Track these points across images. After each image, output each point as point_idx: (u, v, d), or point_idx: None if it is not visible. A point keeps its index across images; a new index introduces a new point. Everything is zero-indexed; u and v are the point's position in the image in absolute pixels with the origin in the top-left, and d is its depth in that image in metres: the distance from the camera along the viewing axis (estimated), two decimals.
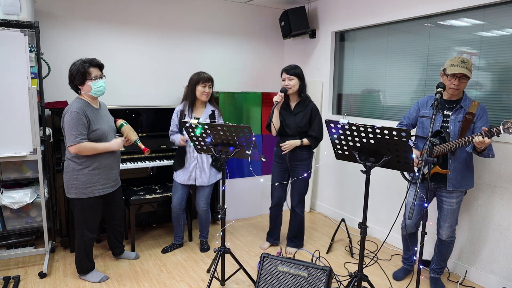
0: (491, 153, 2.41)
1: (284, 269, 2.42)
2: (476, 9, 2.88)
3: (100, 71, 2.68)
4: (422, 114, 2.70)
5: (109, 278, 2.88)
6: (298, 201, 3.25)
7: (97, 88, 2.64)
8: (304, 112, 3.11)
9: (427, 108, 2.69)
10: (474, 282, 2.95)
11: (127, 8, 3.88)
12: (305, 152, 3.14)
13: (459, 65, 2.43)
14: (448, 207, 2.63)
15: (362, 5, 3.77)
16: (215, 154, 2.59)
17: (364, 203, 2.30)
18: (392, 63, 3.59)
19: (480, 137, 2.21)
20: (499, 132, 2.17)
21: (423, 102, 2.74)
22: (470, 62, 2.45)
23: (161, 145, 3.70)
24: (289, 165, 3.19)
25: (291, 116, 3.13)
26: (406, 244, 2.95)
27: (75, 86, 2.63)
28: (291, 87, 3.07)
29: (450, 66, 2.46)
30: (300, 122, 3.09)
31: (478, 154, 2.40)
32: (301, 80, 3.11)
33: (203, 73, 3.14)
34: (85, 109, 2.59)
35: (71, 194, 2.65)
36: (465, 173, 2.57)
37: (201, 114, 3.20)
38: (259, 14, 4.66)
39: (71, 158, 2.62)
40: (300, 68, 3.12)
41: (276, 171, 3.28)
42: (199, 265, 3.14)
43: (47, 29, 3.53)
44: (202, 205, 3.30)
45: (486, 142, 2.20)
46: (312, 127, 3.11)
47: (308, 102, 3.14)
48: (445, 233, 2.66)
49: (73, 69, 2.59)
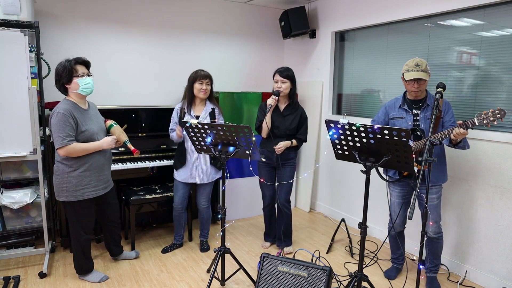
0: (466, 144, 2.51)
1: (284, 269, 2.42)
2: (476, 9, 2.88)
3: (87, 69, 2.64)
4: (392, 116, 2.79)
5: (109, 278, 2.87)
6: (285, 199, 3.30)
7: (85, 85, 2.59)
8: (294, 115, 3.19)
9: (395, 110, 2.77)
10: (474, 282, 2.95)
11: (127, 8, 3.88)
12: (292, 152, 3.25)
13: (413, 69, 2.54)
14: (430, 203, 2.67)
15: (362, 5, 3.77)
16: (215, 154, 2.59)
17: (364, 203, 2.31)
18: (392, 63, 3.59)
19: (457, 129, 2.32)
20: (473, 124, 2.30)
21: (390, 105, 2.83)
22: (425, 63, 2.56)
23: (161, 145, 3.70)
24: (276, 165, 3.25)
25: (280, 118, 3.19)
26: (395, 243, 2.97)
27: (62, 85, 2.57)
28: (283, 90, 3.12)
29: (406, 71, 2.58)
30: (290, 125, 3.17)
31: (454, 147, 2.50)
32: (293, 83, 3.17)
33: (200, 71, 3.15)
34: (72, 110, 2.53)
35: (62, 197, 2.61)
36: (440, 167, 2.68)
37: (200, 112, 3.20)
38: (259, 14, 4.67)
39: (61, 160, 2.57)
40: (292, 71, 3.18)
41: (264, 171, 3.33)
42: (199, 265, 3.14)
43: (47, 29, 3.53)
44: (203, 203, 3.31)
45: (463, 133, 2.31)
46: (301, 131, 3.22)
47: (297, 106, 3.24)
48: (432, 230, 2.69)
49: (59, 68, 2.55)
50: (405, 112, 2.71)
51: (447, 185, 3.08)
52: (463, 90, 3.01)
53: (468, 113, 2.98)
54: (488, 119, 2.26)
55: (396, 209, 2.84)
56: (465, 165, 2.97)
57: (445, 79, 3.11)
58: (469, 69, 2.97)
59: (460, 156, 3.00)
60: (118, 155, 3.46)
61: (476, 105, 2.93)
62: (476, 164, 2.90)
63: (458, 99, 3.05)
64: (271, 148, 3.17)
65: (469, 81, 2.97)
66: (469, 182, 2.96)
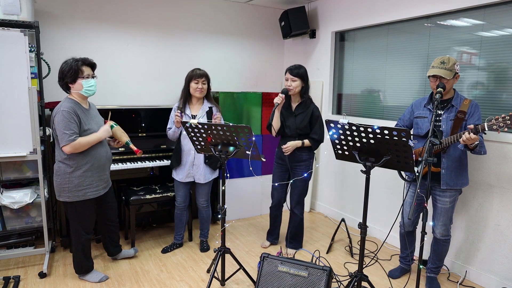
0: (483, 150, 2.43)
1: (284, 269, 2.42)
2: (476, 9, 2.88)
3: (92, 70, 2.64)
4: (416, 115, 2.73)
5: (109, 278, 2.87)
6: (296, 202, 3.25)
7: (88, 87, 2.59)
8: (305, 113, 3.09)
9: (421, 109, 2.71)
10: (474, 282, 2.95)
11: (127, 8, 3.88)
12: (305, 153, 3.13)
13: (437, 66, 2.48)
14: (442, 205, 2.64)
15: (362, 5, 3.77)
16: (215, 154, 2.59)
17: (364, 203, 2.30)
18: (392, 63, 3.59)
19: (467, 133, 2.24)
20: (483, 129, 2.21)
21: (417, 103, 2.77)
22: (452, 61, 2.46)
23: (161, 145, 3.70)
24: (289, 166, 3.19)
25: (291, 117, 3.12)
26: (404, 242, 2.96)
27: (65, 84, 2.57)
28: (292, 89, 3.05)
29: (431, 67, 2.52)
30: (300, 124, 3.08)
31: (471, 151, 2.43)
32: (304, 81, 3.07)
33: (197, 70, 3.15)
34: (75, 108, 2.54)
35: (63, 198, 2.60)
36: (459, 171, 2.58)
37: (197, 111, 3.20)
38: (259, 14, 4.67)
39: (62, 160, 2.57)
40: (304, 68, 3.08)
41: (277, 172, 3.28)
42: (199, 265, 3.14)
43: (47, 29, 3.53)
44: (202, 202, 3.32)
45: (473, 138, 2.22)
46: (314, 130, 3.09)
47: (309, 104, 3.12)
48: (439, 232, 2.68)
49: (64, 67, 2.54)
50: (429, 111, 2.64)
51: None
52: (463, 90, 3.01)
53: None
54: (498, 125, 2.17)
55: (408, 209, 2.80)
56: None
57: None
58: (469, 69, 2.97)
59: None
60: (118, 155, 3.46)
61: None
62: (476, 164, 2.90)
63: None
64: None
65: (469, 81, 2.97)
66: (469, 182, 2.95)
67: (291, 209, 3.30)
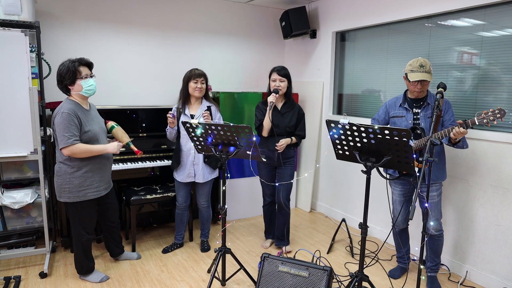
0: (465, 144, 2.55)
1: (284, 269, 2.42)
2: (476, 9, 2.88)
3: (90, 70, 2.63)
4: (392, 115, 2.80)
5: (109, 278, 2.88)
6: (286, 197, 3.30)
7: (88, 87, 2.59)
8: (292, 112, 3.23)
9: (396, 108, 2.79)
10: (475, 282, 2.95)
11: (127, 8, 3.88)
12: (292, 150, 3.29)
13: (418, 70, 2.55)
14: (431, 200, 2.70)
15: (362, 5, 3.77)
16: (216, 154, 2.59)
17: (364, 203, 2.30)
18: (393, 63, 3.59)
19: (457, 128, 2.34)
20: (473, 123, 2.32)
21: (391, 103, 2.85)
22: (429, 63, 2.57)
23: (162, 145, 3.70)
24: (277, 163, 3.26)
25: (279, 116, 3.21)
26: (398, 242, 2.99)
27: (65, 86, 2.56)
28: (281, 89, 3.15)
29: (410, 72, 2.59)
30: (289, 122, 3.20)
31: (453, 146, 2.53)
32: (289, 82, 3.22)
33: (195, 70, 3.16)
34: (76, 110, 2.53)
35: (64, 198, 2.60)
36: (440, 165, 2.70)
37: (196, 111, 3.20)
38: (260, 14, 4.67)
39: (63, 161, 2.57)
40: (287, 70, 3.22)
41: (265, 171, 3.34)
42: (200, 265, 3.14)
43: (48, 29, 3.53)
44: (202, 202, 3.32)
45: (462, 132, 2.34)
46: (300, 127, 3.27)
47: (294, 103, 3.28)
48: (433, 227, 2.71)
49: (62, 69, 2.53)
50: (406, 110, 2.72)
51: (448, 185, 3.08)
52: (464, 90, 3.01)
53: (468, 113, 2.98)
54: (488, 118, 2.28)
55: (398, 207, 2.85)
56: (466, 165, 2.97)
57: (446, 79, 3.11)
58: (469, 69, 2.97)
59: (461, 156, 3.00)
60: (118, 155, 3.46)
61: (477, 105, 2.93)
62: (476, 164, 2.90)
63: (458, 99, 3.05)
64: (271, 147, 3.18)
65: (470, 81, 2.97)
66: (469, 182, 2.96)
67: (280, 204, 3.31)
